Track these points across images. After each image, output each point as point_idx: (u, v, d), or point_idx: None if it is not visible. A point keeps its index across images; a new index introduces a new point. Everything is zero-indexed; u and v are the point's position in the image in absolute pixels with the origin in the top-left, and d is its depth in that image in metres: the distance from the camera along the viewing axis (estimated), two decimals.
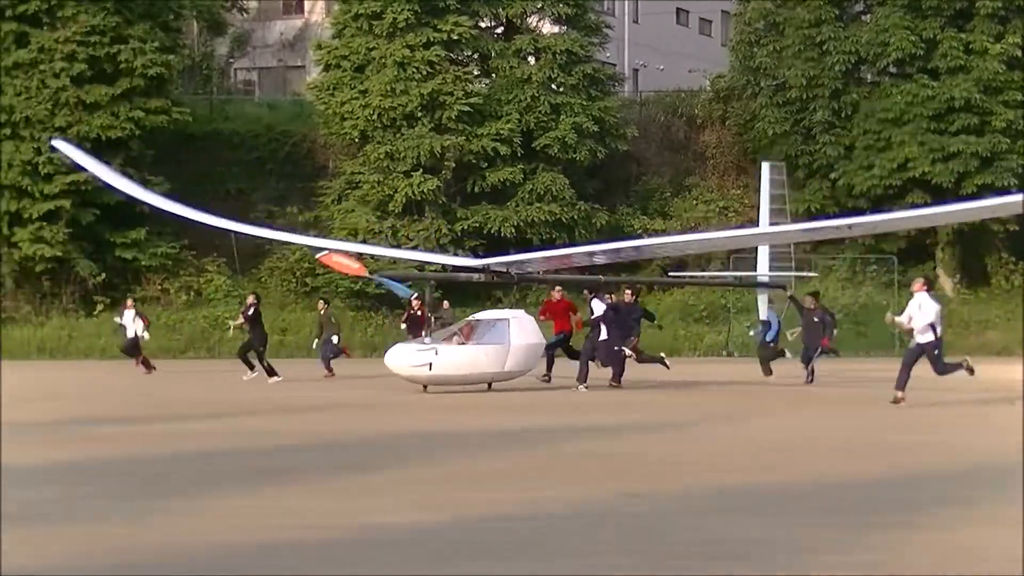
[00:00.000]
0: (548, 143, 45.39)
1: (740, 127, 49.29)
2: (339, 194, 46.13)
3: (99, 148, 42.13)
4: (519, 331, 25.94)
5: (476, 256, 35.09)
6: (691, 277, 40.65)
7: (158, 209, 33.86)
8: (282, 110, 52.18)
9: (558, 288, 29.57)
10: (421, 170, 44.23)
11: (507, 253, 32.16)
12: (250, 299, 30.52)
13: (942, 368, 21.52)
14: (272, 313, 39.55)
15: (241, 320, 30.22)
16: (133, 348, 32.85)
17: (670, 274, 40.84)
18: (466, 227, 44.51)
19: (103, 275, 43.53)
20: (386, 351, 26.23)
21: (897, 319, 21.64)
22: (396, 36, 44.67)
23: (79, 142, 40.05)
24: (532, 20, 48.33)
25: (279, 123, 49.93)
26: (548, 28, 48.39)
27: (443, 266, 33.55)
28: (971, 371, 21.91)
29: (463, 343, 25.46)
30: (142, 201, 34.77)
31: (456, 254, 39.32)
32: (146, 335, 33.13)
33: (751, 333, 21.82)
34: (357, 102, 44.69)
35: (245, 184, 47.95)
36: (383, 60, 44.64)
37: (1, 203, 43.16)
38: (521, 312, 28.09)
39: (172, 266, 44.71)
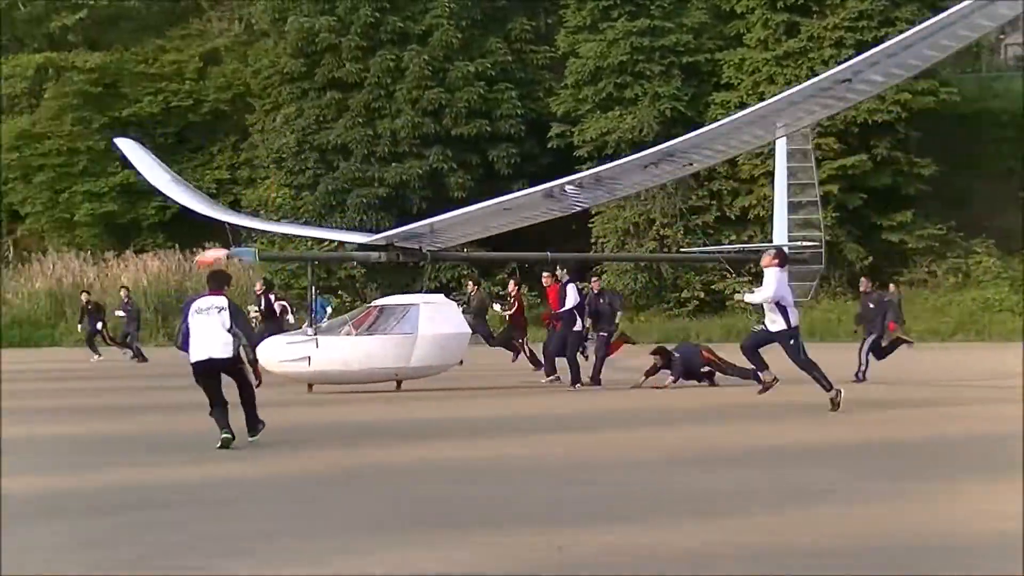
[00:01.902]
0: None
1: None
2: None
3: (866, 132, 42.84)
4: (430, 319, 22.64)
5: None
6: (686, 253, 33.79)
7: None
8: None
9: (547, 273, 25.33)
10: None
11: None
12: (258, 286, 28.69)
13: (803, 360, 17.48)
14: None
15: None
16: None
17: (681, 251, 33.85)
18: None
19: (870, 258, 43.98)
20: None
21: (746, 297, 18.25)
22: None
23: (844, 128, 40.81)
24: None
25: None
26: None
27: (339, 244, 29.71)
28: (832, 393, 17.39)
29: (354, 333, 22.63)
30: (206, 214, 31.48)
31: None
32: None
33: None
34: None
35: (1014, 163, 46.54)
36: None
37: (771, 190, 44.81)
38: (438, 297, 24.69)
39: (939, 248, 44.40)
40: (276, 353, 22.04)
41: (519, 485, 10.83)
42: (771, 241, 26.91)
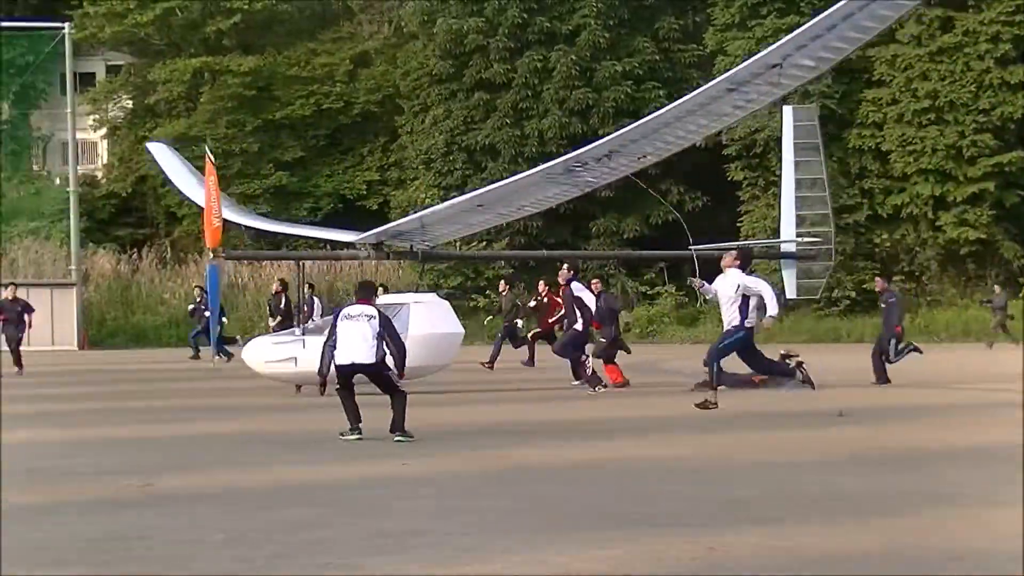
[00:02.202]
0: None
1: None
2: None
3: None
4: (421, 319, 22.03)
5: None
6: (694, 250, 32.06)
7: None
8: None
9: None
10: None
11: None
12: (276, 286, 28.08)
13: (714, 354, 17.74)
14: None
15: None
16: None
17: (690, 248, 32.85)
18: None
19: None
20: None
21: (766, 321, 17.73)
22: None
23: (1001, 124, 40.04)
24: None
25: None
26: None
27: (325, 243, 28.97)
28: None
29: None
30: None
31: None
32: None
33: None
34: None
35: None
36: None
37: (925, 187, 44.07)
38: (430, 296, 23.97)
39: None
40: (262, 354, 22.04)
41: (658, 485, 10.79)
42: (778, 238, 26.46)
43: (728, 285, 17.55)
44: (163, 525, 9.12)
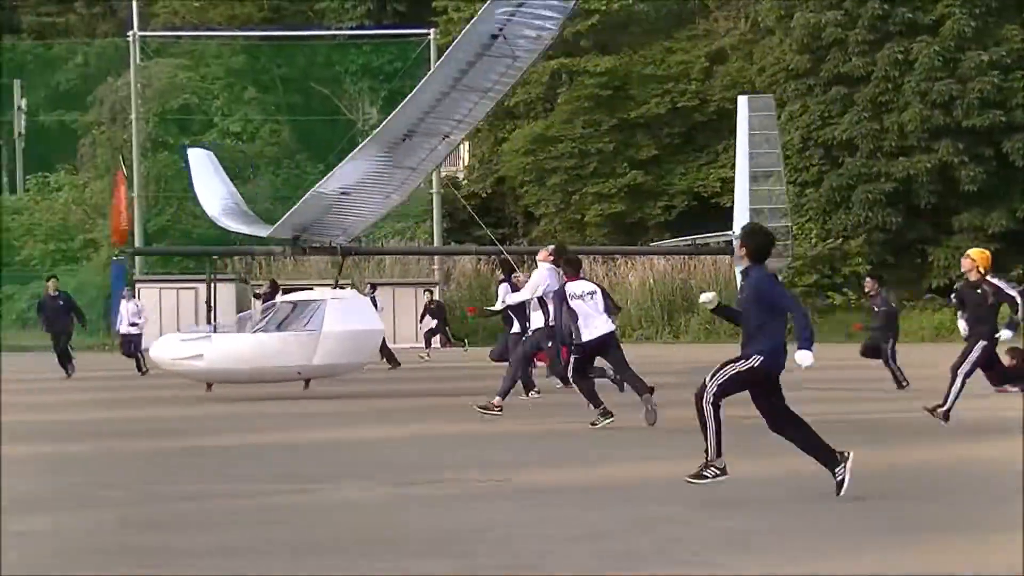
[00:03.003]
0: None
1: None
2: None
3: None
4: (337, 316, 21.51)
5: None
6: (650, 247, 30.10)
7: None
8: None
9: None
10: None
11: None
12: (264, 287, 26.39)
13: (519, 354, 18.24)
14: None
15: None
16: None
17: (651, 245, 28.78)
18: None
19: None
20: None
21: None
22: None
23: None
24: None
25: None
26: None
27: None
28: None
29: (255, 330, 21.76)
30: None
31: None
32: None
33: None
34: None
35: None
36: None
37: None
38: (349, 293, 23.52)
39: None
40: (170, 351, 21.88)
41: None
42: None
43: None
44: (519, 520, 9.31)
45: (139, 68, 55.23)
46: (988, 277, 15.61)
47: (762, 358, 9.87)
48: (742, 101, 25.89)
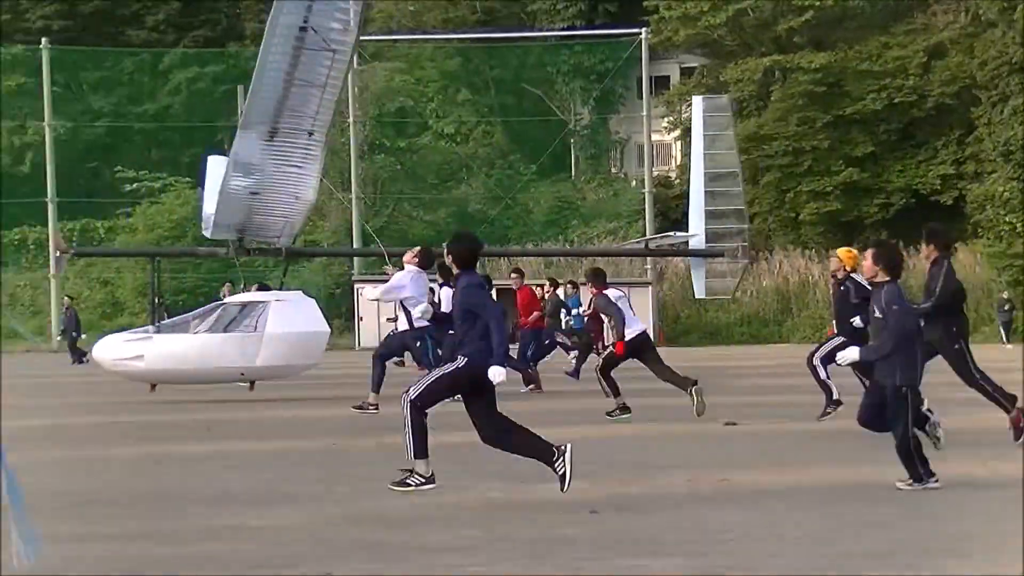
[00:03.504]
0: None
1: None
2: None
3: None
4: (280, 318, 21.32)
5: None
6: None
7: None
8: None
9: (515, 274, 24.08)
10: None
11: None
12: (254, 287, 24.41)
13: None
14: None
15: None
16: None
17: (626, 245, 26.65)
18: None
19: None
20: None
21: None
22: None
23: None
24: None
25: None
26: None
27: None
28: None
29: (198, 331, 21.62)
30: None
31: None
32: None
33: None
34: None
35: None
36: None
37: None
38: (295, 294, 23.06)
39: None
40: (111, 351, 21.74)
41: None
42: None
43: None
44: (741, 520, 9.32)
45: (356, 72, 56.45)
46: (852, 275, 16.56)
47: (467, 359, 10.01)
48: (696, 101, 26.14)
